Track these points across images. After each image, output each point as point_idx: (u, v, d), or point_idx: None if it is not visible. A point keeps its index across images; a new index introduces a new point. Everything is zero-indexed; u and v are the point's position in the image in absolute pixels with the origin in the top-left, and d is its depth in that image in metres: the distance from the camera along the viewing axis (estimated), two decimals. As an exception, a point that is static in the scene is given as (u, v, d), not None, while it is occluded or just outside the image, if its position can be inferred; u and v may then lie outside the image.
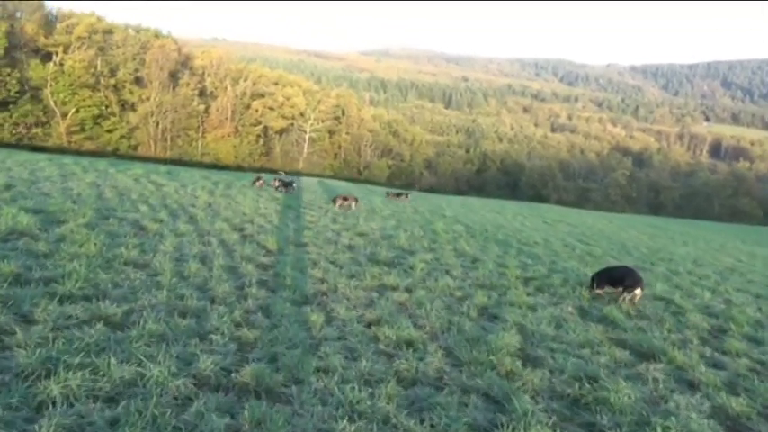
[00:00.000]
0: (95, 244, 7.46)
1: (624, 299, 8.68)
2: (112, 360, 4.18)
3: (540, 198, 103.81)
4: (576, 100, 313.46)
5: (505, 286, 8.59)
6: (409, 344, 5.60)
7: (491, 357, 5.38)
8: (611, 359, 5.89)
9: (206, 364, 4.45)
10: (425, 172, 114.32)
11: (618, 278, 8.93)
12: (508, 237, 14.02)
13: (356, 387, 4.43)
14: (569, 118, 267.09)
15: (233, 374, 4.47)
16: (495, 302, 7.67)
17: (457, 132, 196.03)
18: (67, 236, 7.79)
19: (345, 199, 17.80)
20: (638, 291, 8.70)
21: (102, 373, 4.04)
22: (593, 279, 9.19)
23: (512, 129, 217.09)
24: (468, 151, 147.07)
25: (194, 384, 4.18)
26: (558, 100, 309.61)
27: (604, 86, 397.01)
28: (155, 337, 4.87)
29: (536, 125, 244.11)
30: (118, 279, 6.42)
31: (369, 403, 4.21)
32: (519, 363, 5.45)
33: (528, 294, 8.25)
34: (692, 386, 5.49)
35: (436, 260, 9.88)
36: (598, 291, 8.97)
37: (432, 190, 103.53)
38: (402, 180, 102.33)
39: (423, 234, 12.84)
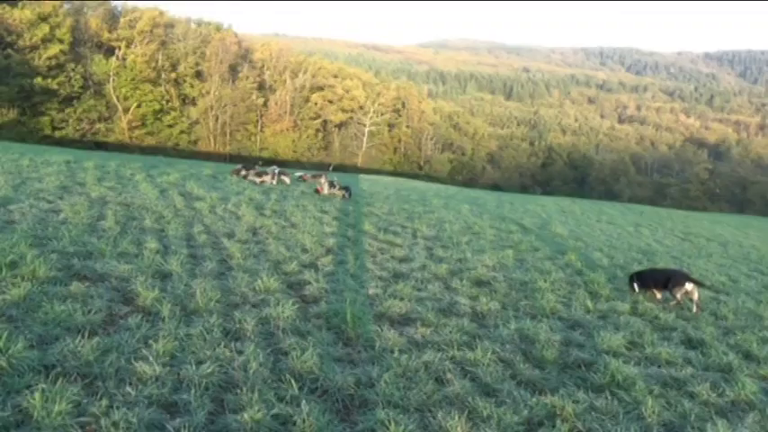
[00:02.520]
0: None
1: (679, 299, 7.61)
2: None
3: (611, 194, 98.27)
4: (645, 90, 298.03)
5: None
6: None
7: None
8: None
9: None
10: (488, 166, 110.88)
11: (660, 279, 8.04)
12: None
13: None
14: (638, 108, 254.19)
15: None
16: None
17: (518, 125, 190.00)
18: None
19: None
20: (688, 286, 7.61)
21: None
22: (632, 279, 8.31)
23: (576, 120, 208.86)
24: (532, 144, 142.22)
25: None
26: (626, 90, 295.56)
27: (675, 75, 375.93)
28: None
29: (602, 116, 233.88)
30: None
31: None
32: None
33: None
34: None
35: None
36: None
37: (495, 185, 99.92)
38: (464, 175, 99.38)
39: (574, 281, 8.20)
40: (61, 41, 60.96)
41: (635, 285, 8.15)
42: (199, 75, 71.42)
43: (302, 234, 8.89)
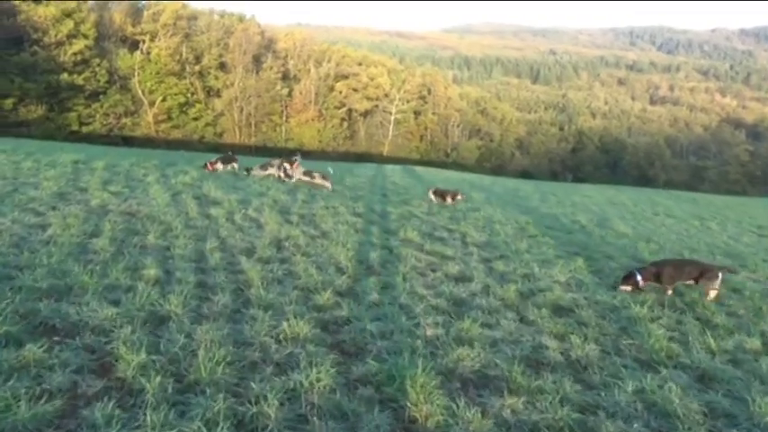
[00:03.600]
0: None
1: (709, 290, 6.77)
2: None
3: (645, 179, 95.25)
4: (678, 69, 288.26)
5: None
6: None
7: None
8: None
9: None
10: (517, 152, 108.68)
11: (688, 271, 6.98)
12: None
13: None
14: (671, 89, 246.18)
15: None
16: None
17: (546, 109, 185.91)
18: None
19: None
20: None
21: None
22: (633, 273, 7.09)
23: (606, 103, 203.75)
24: (561, 129, 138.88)
25: None
26: (658, 70, 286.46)
27: (710, 53, 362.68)
28: None
29: (633, 98, 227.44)
30: None
31: None
32: None
33: None
34: None
35: None
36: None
37: (525, 172, 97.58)
38: (492, 162, 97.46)
39: (672, 303, 6.52)
40: (86, 37, 60.85)
41: (638, 280, 6.84)
42: (223, 66, 70.98)
43: (336, 246, 7.40)
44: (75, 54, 59.47)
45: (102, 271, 5.36)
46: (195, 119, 67.42)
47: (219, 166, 14.48)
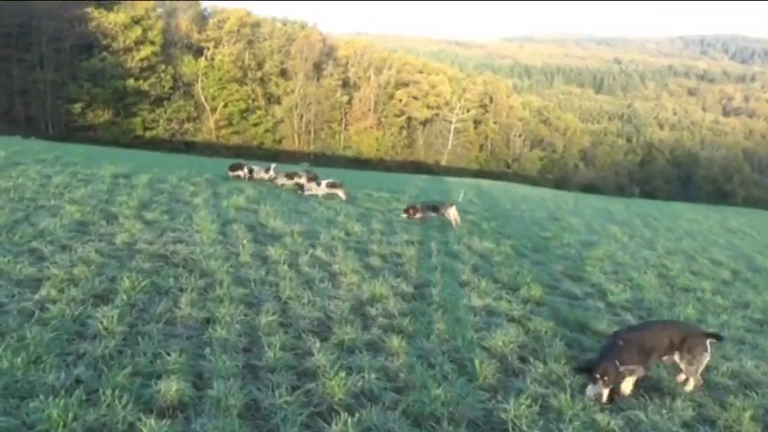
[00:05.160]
0: None
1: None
2: None
3: (722, 195, 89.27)
4: (753, 79, 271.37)
5: None
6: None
7: None
8: None
9: None
10: (581, 164, 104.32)
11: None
12: None
13: None
14: (745, 100, 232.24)
15: None
16: None
17: (610, 119, 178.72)
18: None
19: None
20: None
21: None
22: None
23: (675, 114, 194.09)
24: (629, 140, 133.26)
25: None
26: (731, 80, 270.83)
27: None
28: None
29: (704, 109, 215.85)
30: None
31: None
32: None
33: None
34: None
35: None
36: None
37: (589, 185, 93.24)
38: (555, 174, 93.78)
39: None
40: (153, 43, 61.83)
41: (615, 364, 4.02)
42: (284, 73, 70.92)
43: (442, 318, 5.15)
44: (141, 60, 60.44)
45: (94, 384, 3.31)
46: (255, 125, 67.39)
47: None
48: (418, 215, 10.56)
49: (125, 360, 3.66)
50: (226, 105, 65.17)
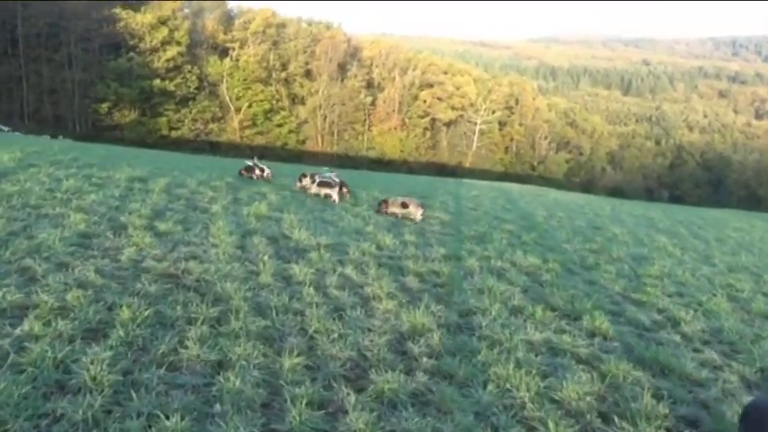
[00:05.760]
0: None
1: None
2: None
3: (755, 199, 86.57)
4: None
5: None
6: None
7: None
8: None
9: None
10: (608, 167, 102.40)
11: None
12: None
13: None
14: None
15: None
16: None
17: (638, 121, 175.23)
18: None
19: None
20: None
21: None
22: None
23: (705, 116, 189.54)
24: (658, 143, 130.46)
25: None
26: (764, 82, 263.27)
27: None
28: None
29: (736, 112, 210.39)
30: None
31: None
32: None
33: None
34: None
35: None
36: None
37: (616, 188, 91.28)
38: (581, 177, 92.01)
39: None
40: (179, 44, 62.09)
41: None
42: (308, 74, 70.70)
43: (499, 360, 4.30)
44: (168, 60, 60.70)
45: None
46: (279, 125, 67.23)
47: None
48: (393, 209, 10.45)
49: (111, 425, 2.90)
50: (250, 106, 65.13)
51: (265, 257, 6.08)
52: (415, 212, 10.41)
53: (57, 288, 4.47)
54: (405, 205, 10.49)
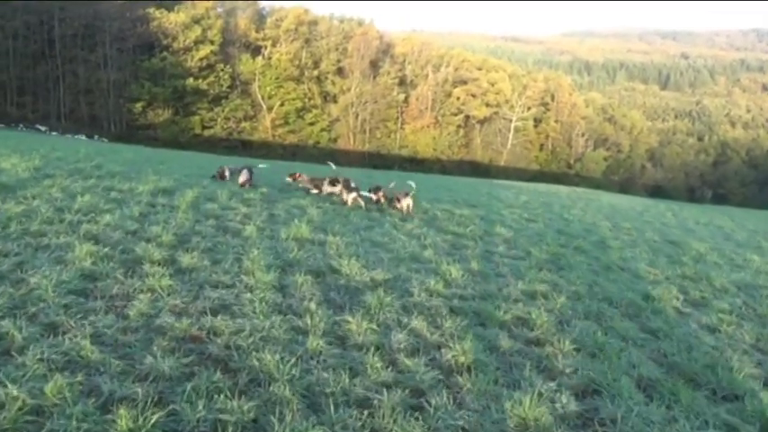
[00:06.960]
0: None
1: None
2: None
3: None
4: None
5: None
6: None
7: None
8: None
9: None
10: (648, 164, 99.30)
11: None
12: None
13: None
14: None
15: None
16: None
17: (677, 117, 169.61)
18: None
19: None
20: None
21: None
22: None
23: (748, 111, 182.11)
24: (700, 139, 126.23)
25: None
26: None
27: None
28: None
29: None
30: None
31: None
32: None
33: None
34: None
35: None
36: None
37: (657, 187, 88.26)
38: (620, 175, 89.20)
39: None
40: (212, 42, 61.97)
41: None
42: (340, 71, 69.88)
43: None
44: (200, 59, 60.63)
45: None
46: (311, 124, 66.61)
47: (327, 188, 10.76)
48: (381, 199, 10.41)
49: None
50: (282, 104, 64.67)
51: (312, 305, 4.79)
52: (403, 203, 10.25)
53: (34, 373, 3.24)
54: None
